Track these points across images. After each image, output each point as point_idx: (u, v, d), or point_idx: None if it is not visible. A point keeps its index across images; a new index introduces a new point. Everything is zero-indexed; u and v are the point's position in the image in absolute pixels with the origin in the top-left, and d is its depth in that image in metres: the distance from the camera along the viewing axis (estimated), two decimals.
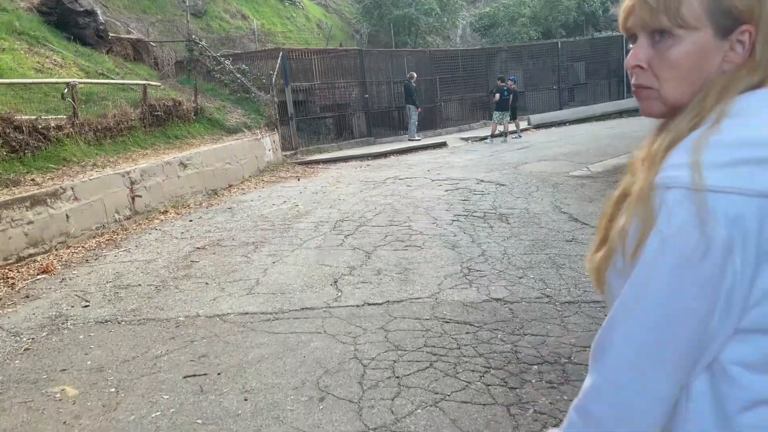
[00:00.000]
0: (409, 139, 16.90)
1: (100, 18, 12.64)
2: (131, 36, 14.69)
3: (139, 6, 18.03)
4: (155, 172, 8.39)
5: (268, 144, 12.61)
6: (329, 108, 16.77)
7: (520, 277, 4.80)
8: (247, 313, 4.32)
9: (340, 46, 20.38)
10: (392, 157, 14.54)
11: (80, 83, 8.66)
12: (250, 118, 12.84)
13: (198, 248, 6.42)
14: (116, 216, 7.46)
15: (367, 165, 13.31)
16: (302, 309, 4.34)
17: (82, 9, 12.38)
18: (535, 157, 12.87)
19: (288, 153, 14.02)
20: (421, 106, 17.23)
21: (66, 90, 7.97)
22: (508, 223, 6.94)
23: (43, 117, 7.63)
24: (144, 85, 9.90)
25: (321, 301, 4.47)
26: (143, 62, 14.87)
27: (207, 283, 5.08)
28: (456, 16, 26.44)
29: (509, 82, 16.58)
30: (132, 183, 7.80)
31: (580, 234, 6.30)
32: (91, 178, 7.17)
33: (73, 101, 8.05)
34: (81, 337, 4.06)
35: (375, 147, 16.03)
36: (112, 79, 11.09)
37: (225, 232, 7.20)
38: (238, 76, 13.68)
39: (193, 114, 11.41)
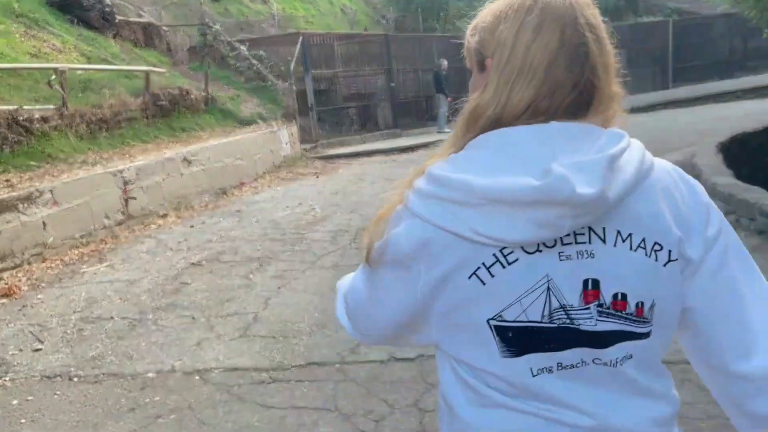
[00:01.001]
0: (438, 132, 15.71)
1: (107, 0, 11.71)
2: (141, 20, 13.76)
3: None
4: (154, 170, 7.42)
5: (284, 137, 11.58)
6: (353, 97, 15.68)
7: None
8: (236, 369, 3.29)
9: (365, 31, 19.27)
10: (420, 151, 13.39)
11: (72, 69, 7.71)
12: (266, 109, 11.82)
13: (193, 264, 5.41)
14: (106, 222, 6.50)
15: (393, 160, 12.21)
16: (308, 364, 3.29)
17: None
18: None
19: (307, 146, 12.98)
20: (452, 95, 16.05)
21: (53, 77, 7.02)
22: None
23: (25, 107, 6.69)
24: (146, 71, 8.94)
25: (334, 351, 3.42)
26: (154, 48, 13.93)
27: (194, 318, 4.06)
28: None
29: None
30: (125, 183, 6.83)
31: None
32: (75, 178, 6.21)
33: (62, 89, 7.10)
34: (15, 402, 3.08)
35: (401, 140, 14.91)
36: (116, 65, 10.15)
37: (228, 242, 6.19)
38: (254, 62, 12.66)
39: (203, 104, 10.43)
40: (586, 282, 0.82)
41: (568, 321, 0.82)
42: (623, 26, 22.12)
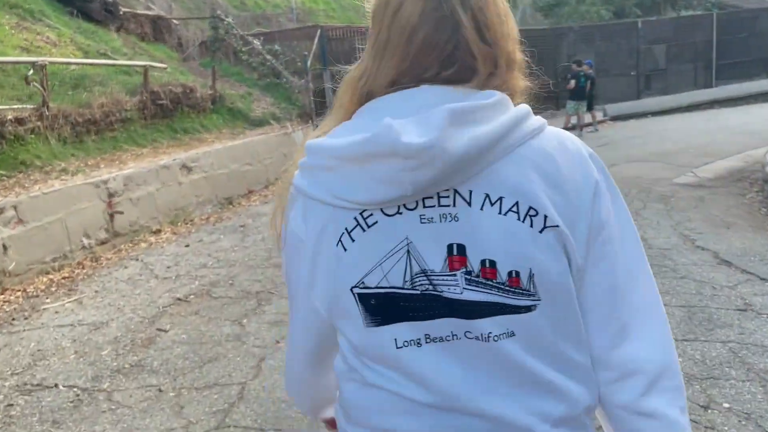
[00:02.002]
0: None
1: None
2: (149, 12, 12.89)
3: None
4: (146, 178, 6.47)
5: (300, 139, 10.60)
6: None
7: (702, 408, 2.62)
8: None
9: None
10: None
11: (53, 63, 6.80)
12: (279, 108, 10.85)
13: (178, 300, 4.44)
14: (85, 241, 5.57)
15: None
16: None
17: None
18: (623, 158, 10.51)
19: None
20: None
21: (31, 72, 6.09)
22: None
23: None
24: (144, 66, 8.00)
25: None
26: (164, 42, 13.07)
27: (161, 390, 3.07)
28: None
29: (585, 67, 14.10)
30: (111, 195, 5.89)
31: (750, 292, 4.05)
32: (48, 190, 5.27)
33: (42, 86, 6.18)
34: None
35: None
36: (116, 60, 9.25)
37: (225, 268, 5.21)
38: (268, 58, 11.70)
39: (209, 103, 9.49)
40: (450, 247, 0.78)
41: (430, 287, 0.79)
42: (664, 20, 20.79)
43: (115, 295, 4.63)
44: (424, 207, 0.77)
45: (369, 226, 0.78)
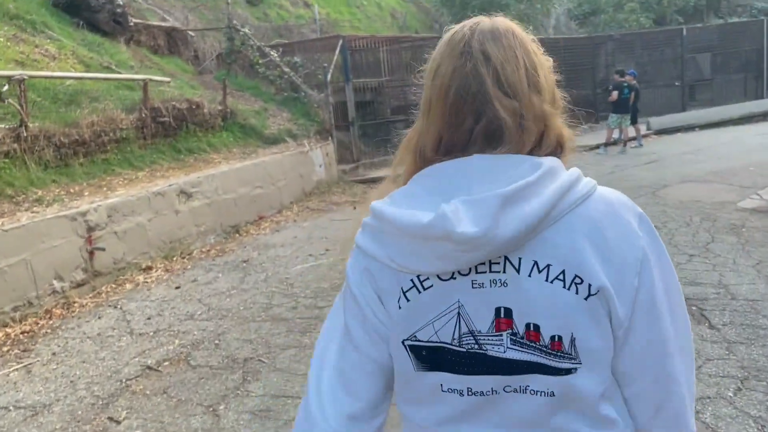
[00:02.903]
0: None
1: (118, 0, 10.20)
2: (164, 23, 12.26)
3: None
4: (135, 207, 5.67)
5: (318, 158, 9.76)
6: (401, 110, 13.76)
7: None
8: None
9: (415, 34, 17.44)
10: None
11: (34, 77, 6.07)
12: (297, 125, 10.04)
13: (148, 368, 3.58)
14: (57, 285, 4.76)
15: None
16: None
17: None
18: (675, 177, 9.44)
19: (347, 167, 11.14)
20: None
21: (5, 87, 5.35)
22: (712, 327, 3.74)
23: None
24: (144, 80, 7.24)
25: None
26: (179, 55, 12.43)
27: None
28: (550, 2, 22.89)
29: (628, 77, 13.03)
30: (90, 229, 5.09)
31: None
32: (9, 227, 4.49)
33: (21, 104, 5.44)
34: None
35: None
36: (120, 74, 8.55)
37: (215, 320, 4.34)
38: (286, 70, 10.91)
39: (219, 119, 8.71)
40: (498, 310, 0.83)
41: (476, 346, 0.84)
42: (709, 27, 19.55)
43: (75, 359, 3.79)
44: (477, 273, 0.84)
45: (424, 289, 0.86)
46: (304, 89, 10.69)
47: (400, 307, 0.86)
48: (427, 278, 0.85)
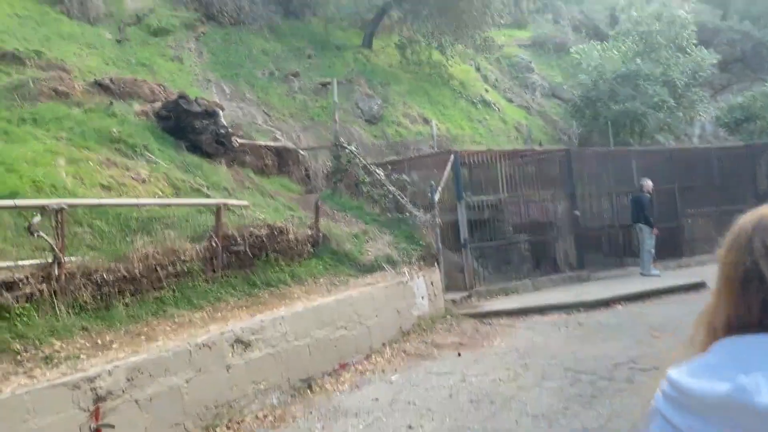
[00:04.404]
0: (642, 274, 11.52)
1: (222, 121, 9.92)
2: (273, 143, 11.96)
3: (307, 113, 15.77)
4: (169, 366, 4.52)
5: (421, 288, 8.36)
6: (522, 229, 12.20)
7: None
8: None
9: (539, 147, 16.10)
10: (619, 306, 9.33)
11: (73, 205, 5.35)
12: (398, 249, 8.80)
13: None
14: None
15: (578, 323, 8.31)
16: None
17: (199, 110, 9.80)
18: None
19: (457, 296, 9.62)
20: (658, 224, 11.85)
21: (37, 218, 4.62)
22: None
23: None
24: (217, 205, 6.41)
25: None
26: (289, 174, 11.99)
27: None
28: (694, 109, 20.73)
29: None
30: (99, 398, 3.97)
31: None
32: None
33: (58, 238, 4.67)
34: None
35: (589, 286, 10.92)
36: (211, 197, 7.92)
37: None
38: (391, 189, 9.90)
39: (309, 245, 7.69)
40: None
41: None
42: None
43: None
44: None
45: None
46: (409, 209, 9.55)
47: None
48: None
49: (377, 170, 10.36)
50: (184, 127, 9.81)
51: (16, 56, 10.83)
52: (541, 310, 9.20)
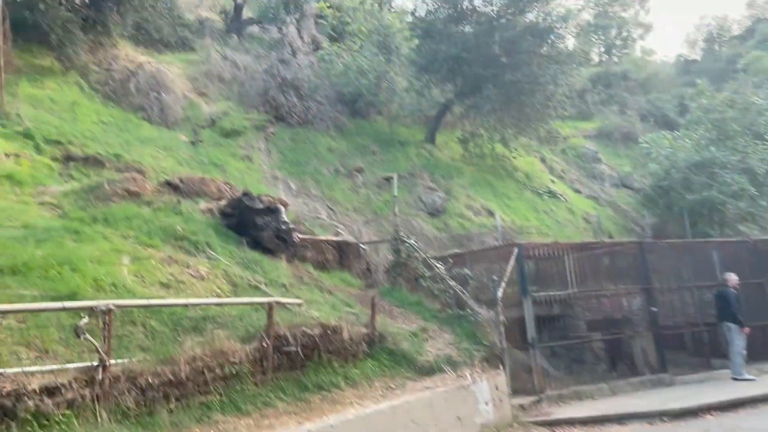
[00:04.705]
0: (734, 378, 10.41)
1: (283, 217, 10.04)
2: (334, 238, 11.98)
3: (370, 208, 15.90)
4: None
5: (484, 392, 7.79)
6: (595, 327, 11.44)
7: None
8: None
9: (609, 239, 15.42)
10: (709, 416, 8.35)
11: (122, 307, 5.33)
12: (459, 349, 8.34)
13: None
14: None
15: None
16: None
17: (261, 206, 9.98)
18: None
19: (525, 401, 8.91)
20: (748, 323, 10.81)
21: (84, 320, 4.60)
22: None
23: (28, 370, 4.25)
24: (269, 303, 6.29)
25: None
26: (349, 269, 11.87)
27: None
28: None
29: None
30: None
31: None
32: None
33: (105, 340, 4.63)
34: None
35: (673, 391, 9.92)
36: (268, 294, 7.85)
37: None
38: (452, 284, 9.57)
39: (364, 345, 7.39)
40: None
41: None
42: None
43: None
44: None
45: None
46: (470, 305, 9.14)
47: None
48: None
49: (437, 264, 10.09)
50: (246, 223, 9.98)
51: (98, 159, 11.56)
52: (620, 418, 8.34)
